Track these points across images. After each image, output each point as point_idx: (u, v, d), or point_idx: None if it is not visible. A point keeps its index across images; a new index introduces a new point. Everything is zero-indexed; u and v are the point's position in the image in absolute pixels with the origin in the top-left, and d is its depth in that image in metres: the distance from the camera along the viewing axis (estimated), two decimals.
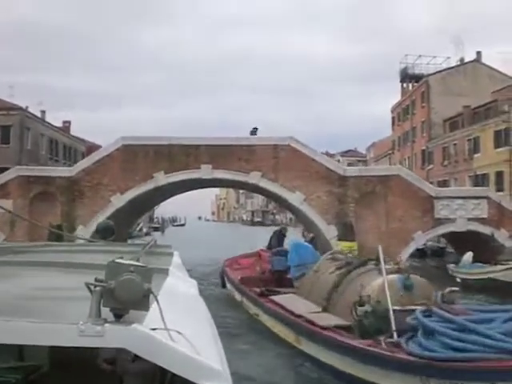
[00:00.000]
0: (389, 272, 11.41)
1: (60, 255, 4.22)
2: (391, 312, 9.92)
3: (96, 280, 1.78)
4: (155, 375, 3.35)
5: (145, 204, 32.71)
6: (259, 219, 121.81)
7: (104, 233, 7.87)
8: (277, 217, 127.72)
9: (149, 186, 28.14)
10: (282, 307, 13.66)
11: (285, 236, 22.09)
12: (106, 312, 1.77)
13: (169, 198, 37.16)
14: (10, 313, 1.80)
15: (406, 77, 71.98)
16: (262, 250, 22.17)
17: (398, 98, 74.74)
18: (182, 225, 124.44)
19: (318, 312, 12.42)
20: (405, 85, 73.62)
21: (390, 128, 77.83)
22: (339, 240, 26.47)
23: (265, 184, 28.13)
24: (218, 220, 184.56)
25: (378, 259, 12.11)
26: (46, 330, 1.71)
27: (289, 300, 14.17)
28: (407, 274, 11.53)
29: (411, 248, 28.32)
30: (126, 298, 1.72)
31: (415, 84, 68.95)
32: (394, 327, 9.71)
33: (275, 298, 14.81)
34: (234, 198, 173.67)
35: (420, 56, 70.14)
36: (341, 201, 28.14)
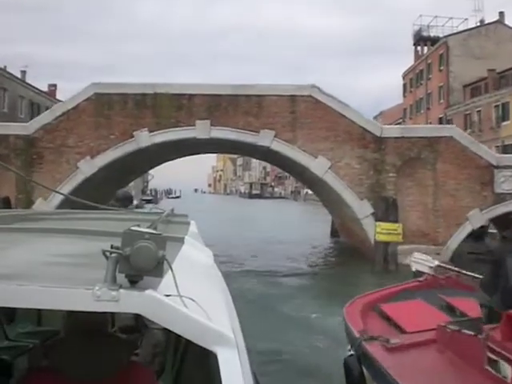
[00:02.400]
0: None
1: (77, 222, 4.12)
2: None
3: (112, 247, 1.69)
4: (170, 342, 3.74)
5: (126, 172, 25.64)
6: (257, 192, 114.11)
7: (124, 201, 7.97)
8: (275, 189, 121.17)
9: (128, 147, 21.12)
10: None
11: None
12: (120, 278, 1.67)
13: (156, 165, 30.09)
14: (24, 278, 1.72)
15: (421, 39, 64.80)
16: (452, 276, 8.89)
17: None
18: (177, 197, 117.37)
19: None
20: (418, 48, 66.57)
21: (401, 95, 70.86)
22: (378, 221, 19.61)
23: (278, 146, 21.11)
24: (215, 192, 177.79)
25: None
26: (61, 295, 1.64)
27: None
28: None
29: (465, 231, 21.49)
30: (140, 265, 1.64)
31: (431, 47, 61.73)
32: None
33: None
34: (231, 169, 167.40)
35: (436, 17, 62.97)
36: (377, 169, 21.22)
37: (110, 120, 21.09)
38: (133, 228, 1.75)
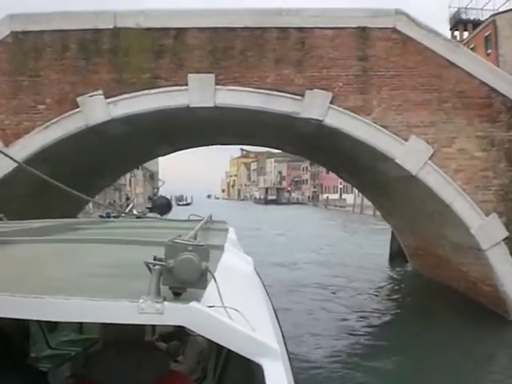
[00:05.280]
0: None
1: (117, 231, 4.02)
2: None
3: (155, 259, 1.61)
4: (211, 350, 3.54)
5: (84, 172, 15.52)
6: (273, 197, 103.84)
7: (161, 209, 7.66)
8: (292, 194, 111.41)
9: (69, 125, 11.50)
10: None
11: None
12: (164, 290, 1.59)
13: (139, 162, 20.24)
14: (69, 290, 1.64)
15: (459, 23, 55.24)
16: None
17: None
18: (188, 204, 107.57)
19: None
20: (456, 33, 56.90)
21: None
22: None
23: (338, 120, 11.36)
24: (229, 198, 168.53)
25: None
26: (105, 308, 1.58)
27: None
28: None
29: None
30: (184, 277, 1.56)
31: (471, 32, 52.19)
32: None
33: None
34: (245, 174, 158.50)
35: None
36: None
37: (37, 78, 11.53)
38: (176, 240, 1.67)
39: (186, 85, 11.32)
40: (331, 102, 11.30)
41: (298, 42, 11.32)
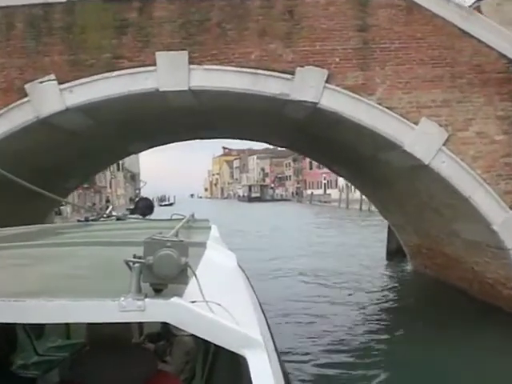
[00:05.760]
0: None
1: (99, 233, 4.00)
2: None
3: (134, 256, 1.61)
4: (199, 348, 3.57)
5: (47, 174, 13.60)
6: (257, 194, 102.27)
7: (143, 210, 7.28)
8: (276, 191, 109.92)
9: (17, 118, 9.74)
10: None
11: None
12: (145, 287, 1.60)
13: (114, 160, 18.47)
14: (52, 292, 1.66)
15: None
16: None
17: None
18: (170, 204, 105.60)
19: None
20: None
21: None
22: None
23: (335, 101, 9.65)
24: (212, 197, 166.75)
25: None
26: (87, 308, 1.60)
27: None
28: None
29: None
30: (164, 273, 1.56)
31: None
32: None
33: None
34: (228, 172, 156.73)
35: None
36: None
37: None
38: (154, 236, 1.67)
39: (154, 65, 9.54)
40: (327, 81, 9.57)
41: (285, 10, 9.57)
